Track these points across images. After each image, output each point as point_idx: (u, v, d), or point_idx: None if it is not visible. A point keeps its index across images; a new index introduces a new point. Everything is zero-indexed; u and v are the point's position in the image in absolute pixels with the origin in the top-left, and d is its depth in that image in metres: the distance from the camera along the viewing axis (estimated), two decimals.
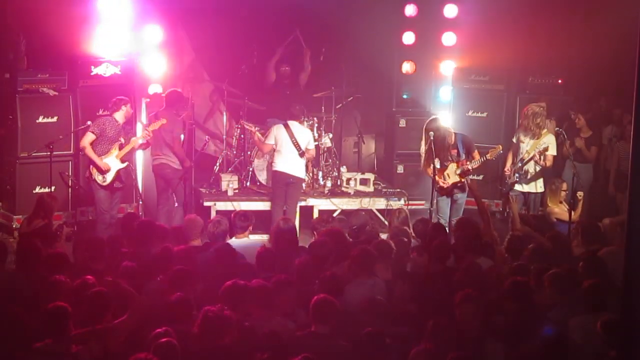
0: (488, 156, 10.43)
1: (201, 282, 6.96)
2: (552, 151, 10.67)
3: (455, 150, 10.38)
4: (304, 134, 10.99)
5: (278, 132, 10.95)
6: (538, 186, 10.77)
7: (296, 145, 10.81)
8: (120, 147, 10.35)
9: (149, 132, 10.49)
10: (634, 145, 4.66)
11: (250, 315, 6.45)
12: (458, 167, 10.34)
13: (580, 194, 10.57)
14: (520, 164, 10.69)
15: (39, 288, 6.66)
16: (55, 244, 8.45)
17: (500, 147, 10.66)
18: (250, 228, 8.86)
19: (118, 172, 10.33)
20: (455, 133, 10.54)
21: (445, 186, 10.34)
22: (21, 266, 7.28)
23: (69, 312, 5.83)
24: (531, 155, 10.57)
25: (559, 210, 10.51)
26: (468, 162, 10.34)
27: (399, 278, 7.49)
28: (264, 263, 7.53)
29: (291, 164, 10.84)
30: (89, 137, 10.23)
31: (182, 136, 10.95)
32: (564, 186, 10.61)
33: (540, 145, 10.60)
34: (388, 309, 6.58)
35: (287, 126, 10.93)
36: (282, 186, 10.88)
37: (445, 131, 10.32)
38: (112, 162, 10.29)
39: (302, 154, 10.84)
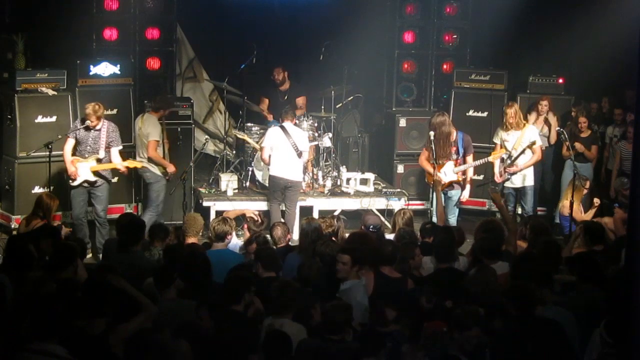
0: (490, 158, 10.53)
1: None
2: (539, 142, 10.76)
3: (455, 148, 10.37)
4: (301, 135, 10.96)
5: (274, 134, 10.85)
6: (527, 179, 10.78)
7: (294, 146, 10.75)
8: (99, 161, 10.08)
9: (125, 168, 10.23)
10: (635, 145, 4.64)
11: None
12: (456, 165, 10.35)
13: (597, 200, 10.58)
14: (510, 162, 10.71)
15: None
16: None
17: (504, 150, 10.67)
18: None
19: (85, 180, 10.07)
20: (457, 131, 10.51)
21: (442, 181, 10.33)
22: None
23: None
24: (519, 151, 10.58)
25: (576, 207, 10.41)
26: (461, 164, 10.37)
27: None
28: (264, 260, 7.34)
29: (288, 167, 10.74)
30: (69, 143, 10.08)
31: (159, 141, 10.58)
32: (587, 184, 10.56)
33: (524, 138, 10.63)
34: None
35: (283, 128, 10.86)
36: (279, 189, 10.83)
37: (450, 127, 10.32)
38: (83, 171, 10.02)
39: (300, 154, 10.78)
